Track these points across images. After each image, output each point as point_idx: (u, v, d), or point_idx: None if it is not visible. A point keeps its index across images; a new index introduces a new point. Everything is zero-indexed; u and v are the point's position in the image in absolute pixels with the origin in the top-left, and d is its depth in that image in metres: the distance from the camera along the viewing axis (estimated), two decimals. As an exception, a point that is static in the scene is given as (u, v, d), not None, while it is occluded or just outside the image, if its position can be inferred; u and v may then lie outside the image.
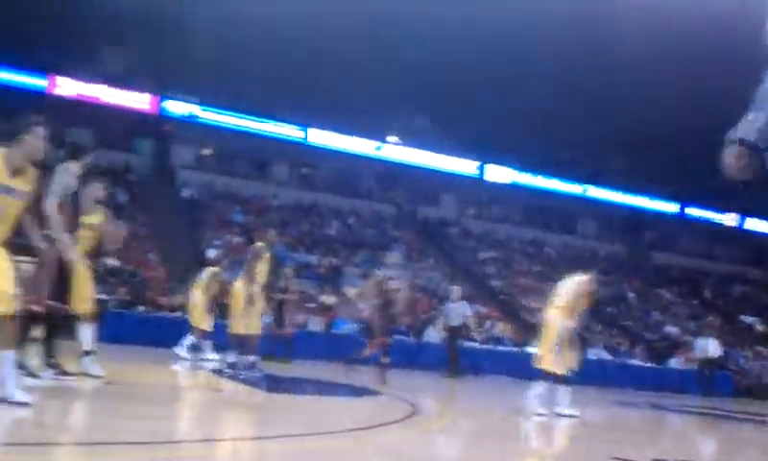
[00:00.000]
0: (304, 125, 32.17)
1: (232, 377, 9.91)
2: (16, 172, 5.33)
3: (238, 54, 27.29)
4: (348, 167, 33.63)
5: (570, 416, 8.77)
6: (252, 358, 10.45)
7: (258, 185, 31.32)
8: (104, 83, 29.39)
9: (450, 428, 7.81)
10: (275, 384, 9.87)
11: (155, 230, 24.55)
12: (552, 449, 7.15)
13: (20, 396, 5.35)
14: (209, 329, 13.27)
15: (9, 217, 5.37)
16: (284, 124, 31.98)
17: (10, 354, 5.30)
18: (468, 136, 32.97)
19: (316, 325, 20.51)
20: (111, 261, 20.26)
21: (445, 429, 7.63)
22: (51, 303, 7.15)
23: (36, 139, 5.41)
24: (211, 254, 23.81)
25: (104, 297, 16.65)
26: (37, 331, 7.53)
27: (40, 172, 5.68)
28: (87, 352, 7.48)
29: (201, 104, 30.71)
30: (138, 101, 29.95)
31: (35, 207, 6.83)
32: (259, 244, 10.84)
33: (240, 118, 31.26)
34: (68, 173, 7.15)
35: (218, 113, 31.01)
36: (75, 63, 28.38)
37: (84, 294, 7.59)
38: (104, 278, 18.53)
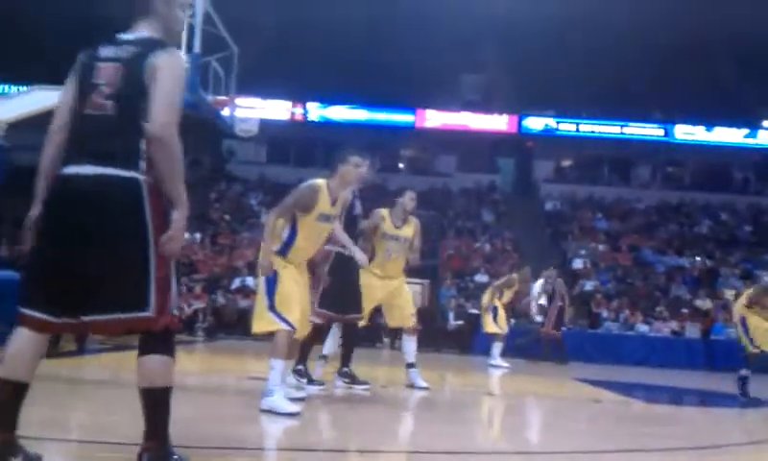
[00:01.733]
0: (668, 122, 30.91)
1: None
2: (335, 200, 5.80)
3: (585, 61, 27.14)
4: (717, 160, 31.52)
5: None
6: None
7: (620, 190, 30.76)
8: (465, 110, 31.27)
9: None
10: (654, 395, 9.75)
11: (520, 245, 25.42)
12: None
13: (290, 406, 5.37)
14: (501, 332, 13.74)
15: (321, 240, 5.91)
16: (646, 124, 31.08)
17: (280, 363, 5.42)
18: None
19: (692, 331, 19.54)
20: (479, 276, 21.45)
21: None
22: (350, 315, 7.29)
23: (351, 169, 5.77)
24: (578, 264, 23.99)
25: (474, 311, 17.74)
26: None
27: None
28: (411, 365, 7.60)
29: (556, 116, 31.13)
30: (498, 122, 31.33)
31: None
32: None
33: (597, 125, 31.06)
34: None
35: (574, 123, 31.17)
36: (438, 96, 30.60)
37: (406, 310, 7.75)
38: (474, 293, 19.69)
